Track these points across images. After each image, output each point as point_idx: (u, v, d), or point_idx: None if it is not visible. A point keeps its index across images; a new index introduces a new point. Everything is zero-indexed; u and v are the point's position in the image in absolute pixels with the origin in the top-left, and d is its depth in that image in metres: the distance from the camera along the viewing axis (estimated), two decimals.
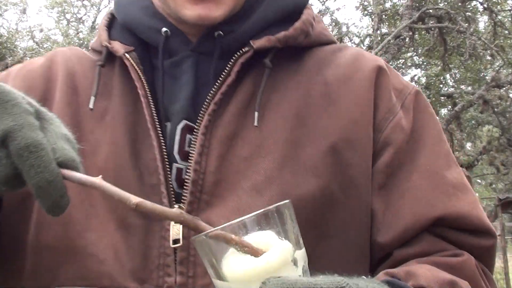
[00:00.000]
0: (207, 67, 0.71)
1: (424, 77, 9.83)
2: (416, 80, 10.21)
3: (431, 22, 8.93)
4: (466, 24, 8.30)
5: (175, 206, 0.64)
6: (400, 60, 10.67)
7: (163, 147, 0.67)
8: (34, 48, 11.93)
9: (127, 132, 0.69)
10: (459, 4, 8.74)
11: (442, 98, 9.73)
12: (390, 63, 8.42)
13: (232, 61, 0.69)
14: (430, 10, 8.62)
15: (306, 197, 0.64)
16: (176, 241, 0.63)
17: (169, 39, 0.72)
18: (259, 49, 0.69)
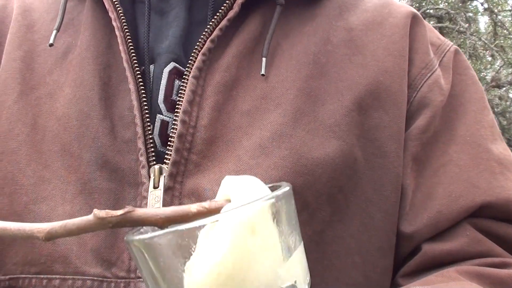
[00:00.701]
0: (204, 0, 0.57)
1: None
2: None
3: (431, 22, 8.89)
4: (467, 24, 8.27)
5: (155, 167, 0.50)
6: None
7: (142, 93, 0.53)
8: None
9: (97, 74, 0.54)
10: (460, 4, 8.72)
11: None
12: None
13: None
14: (430, 11, 8.58)
15: (324, 162, 0.51)
16: None
17: None
18: None
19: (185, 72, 0.54)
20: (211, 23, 0.55)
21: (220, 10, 0.55)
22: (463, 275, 0.50)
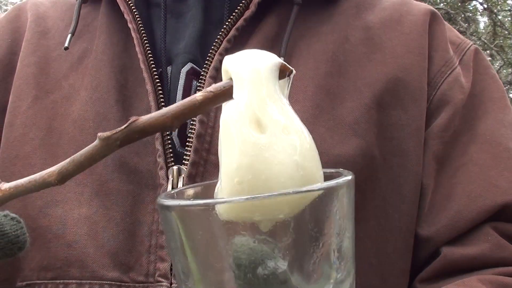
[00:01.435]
0: (220, 1, 0.56)
1: None
2: None
3: None
4: (466, 24, 8.28)
5: (174, 169, 0.50)
6: None
7: (160, 94, 0.52)
8: None
9: (114, 76, 0.54)
10: (459, 4, 8.73)
11: None
12: None
13: None
14: None
15: (344, 159, 0.50)
16: None
17: None
18: None
19: (202, 73, 0.53)
20: (227, 23, 0.54)
21: (236, 10, 0.55)
22: (486, 285, 0.48)
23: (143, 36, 0.54)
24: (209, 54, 0.53)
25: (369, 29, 0.58)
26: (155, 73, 0.53)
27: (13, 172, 0.53)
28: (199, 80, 0.53)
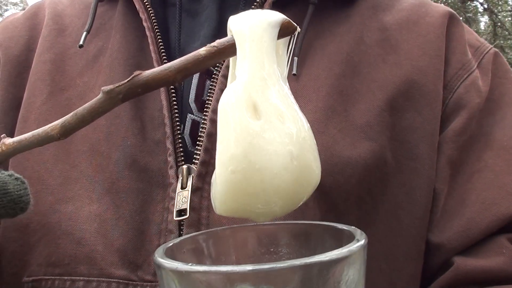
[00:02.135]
0: (235, 0, 0.56)
1: None
2: None
3: None
4: (466, 25, 8.28)
5: (183, 168, 0.50)
6: None
7: (172, 92, 0.52)
8: None
9: (128, 74, 0.52)
10: (459, 4, 8.73)
11: None
12: None
13: None
14: None
15: (355, 162, 0.49)
16: (181, 213, 0.48)
17: None
18: None
19: (214, 72, 0.53)
20: None
21: (252, 8, 0.54)
22: None
23: (157, 35, 0.55)
24: None
25: (385, 30, 0.57)
26: None
27: (25, 167, 0.53)
28: (212, 79, 0.53)
